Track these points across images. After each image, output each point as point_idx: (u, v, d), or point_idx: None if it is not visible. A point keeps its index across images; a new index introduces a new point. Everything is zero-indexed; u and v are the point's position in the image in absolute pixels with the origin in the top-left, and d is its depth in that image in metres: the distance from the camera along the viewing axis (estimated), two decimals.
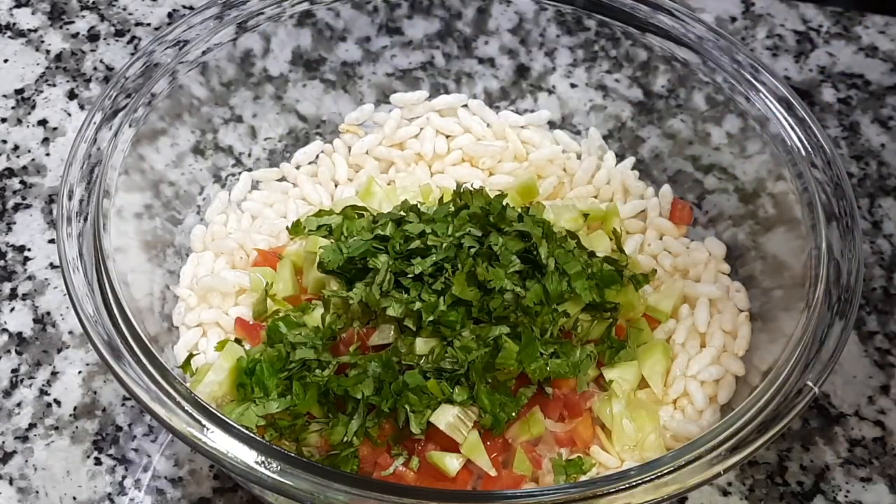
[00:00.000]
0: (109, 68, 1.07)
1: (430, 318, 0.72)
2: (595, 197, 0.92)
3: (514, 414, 0.74)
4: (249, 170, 0.93)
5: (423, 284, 0.74)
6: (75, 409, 0.85)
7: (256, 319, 0.81)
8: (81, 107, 1.03)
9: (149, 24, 1.11)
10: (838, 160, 0.80)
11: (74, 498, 0.80)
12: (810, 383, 0.70)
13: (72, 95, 1.04)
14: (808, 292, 0.75)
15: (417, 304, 0.73)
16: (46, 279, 0.92)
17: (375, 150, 0.93)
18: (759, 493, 0.83)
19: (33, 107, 1.03)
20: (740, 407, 0.69)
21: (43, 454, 0.82)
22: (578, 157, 0.95)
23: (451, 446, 0.72)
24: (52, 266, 0.92)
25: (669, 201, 0.92)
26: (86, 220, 0.74)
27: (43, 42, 1.08)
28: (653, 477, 0.65)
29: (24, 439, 0.83)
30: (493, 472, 0.73)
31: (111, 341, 0.69)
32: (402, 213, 0.80)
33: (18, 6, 1.11)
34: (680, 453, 0.66)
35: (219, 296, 0.83)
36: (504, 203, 0.80)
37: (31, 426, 0.84)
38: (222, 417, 0.66)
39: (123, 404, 0.85)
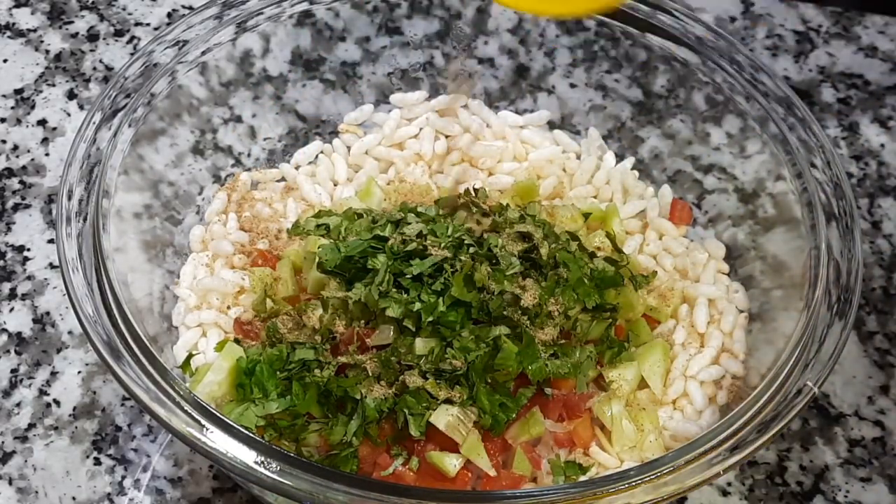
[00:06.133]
0: (109, 68, 1.07)
1: (430, 319, 0.72)
2: (595, 197, 0.92)
3: (513, 414, 0.74)
4: (249, 170, 0.93)
5: (422, 285, 0.74)
6: (75, 409, 0.85)
7: (256, 320, 0.81)
8: (81, 107, 1.03)
9: (148, 24, 1.10)
10: (838, 160, 0.80)
11: (74, 498, 0.80)
12: (810, 383, 0.70)
13: (71, 95, 1.04)
14: (808, 292, 0.75)
15: (417, 305, 0.73)
16: (46, 279, 0.92)
17: (375, 150, 0.93)
18: (759, 493, 0.83)
19: (33, 107, 1.03)
20: (740, 407, 0.69)
21: (42, 454, 0.82)
22: (578, 157, 0.95)
23: (451, 446, 0.72)
24: (51, 266, 0.92)
25: (669, 201, 0.92)
26: (85, 220, 0.74)
27: (42, 42, 1.08)
28: (652, 477, 0.65)
29: (24, 439, 0.83)
30: (492, 473, 0.73)
31: (111, 341, 0.69)
32: (401, 213, 0.80)
33: (18, 6, 1.11)
34: (679, 453, 0.66)
35: (218, 296, 0.83)
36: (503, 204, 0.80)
37: (31, 426, 0.84)
38: (222, 417, 0.66)
39: (123, 404, 0.85)
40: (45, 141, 1.01)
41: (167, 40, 0.84)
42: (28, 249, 0.93)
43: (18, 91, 1.04)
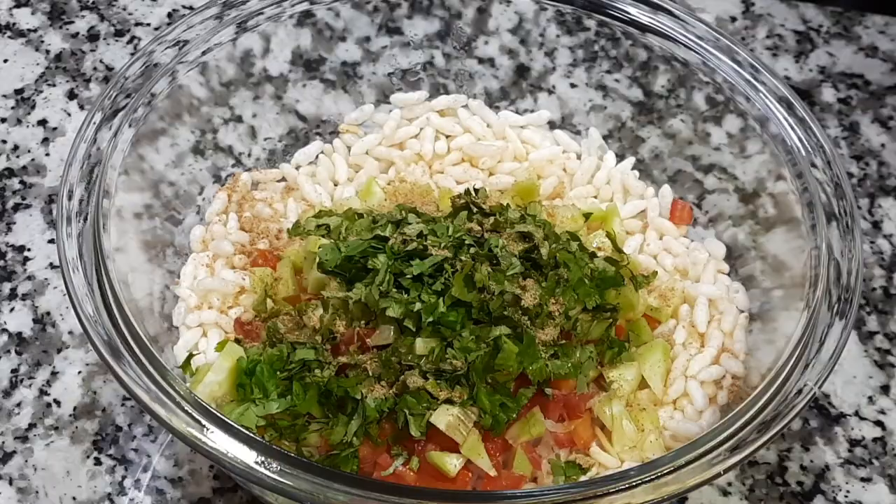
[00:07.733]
0: (109, 68, 1.07)
1: (430, 319, 0.72)
2: (595, 197, 0.92)
3: (513, 414, 0.74)
4: (249, 170, 0.93)
5: (422, 285, 0.74)
6: (75, 409, 0.85)
7: (256, 320, 0.81)
8: (81, 107, 1.03)
9: (149, 24, 1.10)
10: (838, 160, 0.80)
11: (74, 498, 0.80)
12: (810, 383, 0.70)
13: (71, 95, 1.04)
14: (808, 292, 0.75)
15: (417, 305, 0.73)
16: (46, 279, 0.92)
17: (375, 150, 0.93)
18: (759, 493, 0.83)
19: (33, 107, 1.03)
20: (740, 407, 0.69)
21: (43, 454, 0.82)
22: (578, 157, 0.95)
23: (451, 446, 0.72)
24: (51, 266, 0.92)
25: (669, 201, 0.92)
26: (85, 220, 0.74)
27: (43, 42, 1.08)
28: (653, 477, 0.65)
29: (24, 439, 0.83)
30: (492, 473, 0.73)
31: (111, 341, 0.69)
32: (402, 213, 0.80)
33: (18, 6, 1.11)
34: (680, 453, 0.66)
35: (219, 296, 0.83)
36: (504, 204, 0.80)
37: (31, 426, 0.84)
38: (222, 418, 0.66)
39: (123, 404, 0.85)
40: (45, 141, 1.01)
41: (167, 40, 0.84)
42: (28, 249, 0.93)
43: (19, 91, 1.04)
